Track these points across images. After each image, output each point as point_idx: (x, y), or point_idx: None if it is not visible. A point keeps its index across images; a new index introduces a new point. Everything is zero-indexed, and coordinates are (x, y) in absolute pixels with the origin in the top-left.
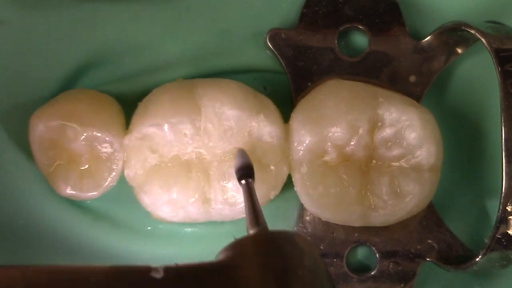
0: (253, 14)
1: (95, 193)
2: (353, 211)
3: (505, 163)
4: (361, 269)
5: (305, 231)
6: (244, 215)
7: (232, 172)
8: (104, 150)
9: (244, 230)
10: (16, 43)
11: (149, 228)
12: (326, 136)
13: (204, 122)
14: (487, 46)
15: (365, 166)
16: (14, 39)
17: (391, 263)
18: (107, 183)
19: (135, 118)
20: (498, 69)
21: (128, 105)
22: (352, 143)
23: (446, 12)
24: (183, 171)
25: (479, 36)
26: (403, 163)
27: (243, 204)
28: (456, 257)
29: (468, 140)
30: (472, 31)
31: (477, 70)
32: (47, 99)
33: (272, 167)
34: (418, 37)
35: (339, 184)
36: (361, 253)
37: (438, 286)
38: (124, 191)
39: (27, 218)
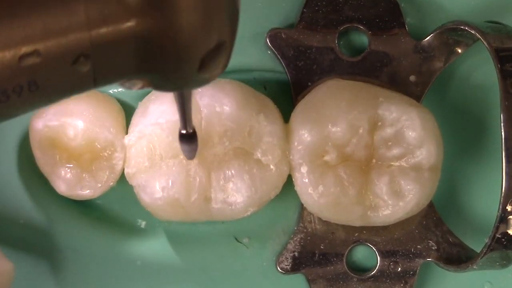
0: (253, 13)
1: (95, 192)
2: (353, 210)
3: (505, 163)
4: (361, 268)
5: (305, 230)
6: (244, 215)
7: (233, 171)
8: (104, 149)
9: (245, 227)
10: None
11: (149, 227)
12: (326, 136)
13: (204, 121)
14: (487, 46)
15: (365, 166)
16: None
17: (391, 263)
18: (107, 182)
19: (135, 118)
20: (498, 68)
21: (128, 105)
22: (352, 142)
23: (446, 12)
24: (183, 170)
25: (479, 36)
26: (403, 162)
27: (242, 202)
28: (456, 256)
29: (468, 139)
30: (472, 31)
31: (477, 70)
32: None
33: (272, 167)
34: (418, 37)
35: (339, 184)
36: (361, 252)
37: (438, 286)
38: (124, 190)
39: (27, 217)
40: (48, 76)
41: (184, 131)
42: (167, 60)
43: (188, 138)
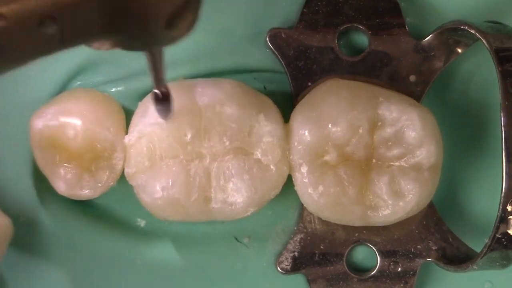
0: (253, 13)
1: (95, 192)
2: (353, 210)
3: (505, 162)
4: (361, 268)
5: (305, 230)
6: (244, 215)
7: (233, 171)
8: (104, 149)
9: (245, 227)
10: None
11: (149, 227)
12: (326, 136)
13: (204, 121)
14: (487, 45)
15: (365, 166)
16: None
17: (391, 263)
18: (107, 182)
19: (135, 118)
20: (498, 68)
21: (128, 105)
22: (352, 142)
23: (446, 11)
24: (183, 170)
25: (479, 36)
26: (403, 162)
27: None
28: (456, 257)
29: (468, 139)
30: (472, 31)
31: (477, 69)
32: (47, 99)
33: (272, 167)
34: (418, 36)
35: (339, 184)
36: (361, 252)
37: (438, 286)
38: (124, 190)
39: (27, 216)
40: (15, 39)
41: (157, 91)
42: (132, 19)
43: (162, 98)
